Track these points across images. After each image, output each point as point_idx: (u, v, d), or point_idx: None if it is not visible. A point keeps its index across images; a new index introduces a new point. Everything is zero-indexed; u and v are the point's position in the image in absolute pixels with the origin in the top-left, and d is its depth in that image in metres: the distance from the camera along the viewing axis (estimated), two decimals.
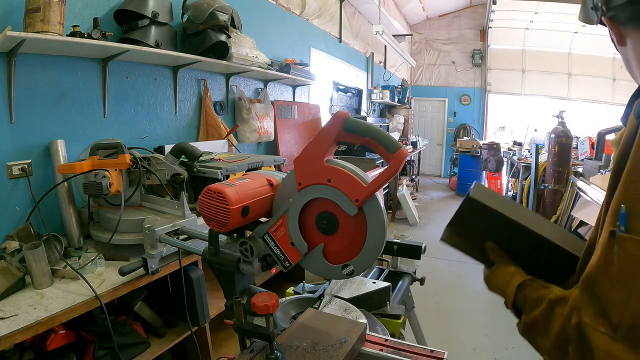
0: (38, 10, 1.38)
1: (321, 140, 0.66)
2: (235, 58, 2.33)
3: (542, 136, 5.48)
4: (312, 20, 4.18)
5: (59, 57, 1.67)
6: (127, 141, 1.85)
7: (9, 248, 1.37)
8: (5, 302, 1.18)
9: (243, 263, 0.76)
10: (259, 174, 0.80)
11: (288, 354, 0.73)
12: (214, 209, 0.70)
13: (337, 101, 4.99)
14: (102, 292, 1.26)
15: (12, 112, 1.51)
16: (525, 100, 8.61)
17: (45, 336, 1.25)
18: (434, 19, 9.21)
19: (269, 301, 0.67)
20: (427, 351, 0.78)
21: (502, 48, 8.43)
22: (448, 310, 3.06)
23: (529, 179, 3.78)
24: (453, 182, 8.00)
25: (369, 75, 6.33)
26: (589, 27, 7.34)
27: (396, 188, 5.38)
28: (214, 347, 1.88)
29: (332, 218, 0.69)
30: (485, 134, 9.07)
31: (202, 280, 1.60)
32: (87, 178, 1.42)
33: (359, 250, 0.68)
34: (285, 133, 3.49)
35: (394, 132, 6.97)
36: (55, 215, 1.63)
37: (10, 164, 1.52)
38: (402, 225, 5.45)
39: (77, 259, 1.42)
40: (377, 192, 0.64)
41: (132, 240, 1.47)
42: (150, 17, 1.86)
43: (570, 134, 3.53)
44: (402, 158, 0.62)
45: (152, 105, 2.18)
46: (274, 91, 3.47)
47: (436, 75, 9.40)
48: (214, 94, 2.65)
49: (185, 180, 1.62)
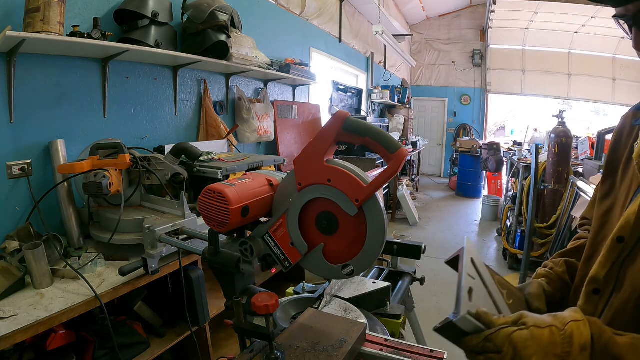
0: (38, 10, 1.38)
1: (321, 140, 0.66)
2: (235, 58, 2.33)
3: (542, 136, 5.48)
4: (312, 20, 4.18)
5: (59, 57, 1.67)
6: (127, 141, 1.85)
7: (9, 248, 1.37)
8: (5, 302, 1.18)
9: (243, 263, 0.76)
10: (259, 174, 0.80)
11: (288, 354, 0.73)
12: (214, 209, 0.70)
13: (337, 101, 4.99)
14: (102, 292, 1.26)
15: (12, 112, 1.51)
16: (525, 100, 8.61)
17: (45, 336, 1.25)
18: (434, 19, 9.21)
19: (269, 301, 0.67)
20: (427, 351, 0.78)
21: (502, 48, 8.43)
22: (448, 310, 3.01)
23: (529, 179, 3.77)
24: (453, 182, 8.00)
25: (369, 75, 6.33)
26: (589, 27, 7.33)
27: (396, 188, 5.38)
28: (214, 347, 1.88)
29: (332, 218, 0.69)
30: (485, 134, 9.08)
31: (202, 280, 1.60)
32: (87, 178, 1.42)
33: (359, 250, 0.68)
34: (285, 133, 3.49)
35: (394, 132, 6.97)
36: (55, 215, 1.63)
37: (10, 164, 1.52)
38: (402, 225, 5.45)
39: (77, 259, 1.42)
40: (377, 192, 0.64)
41: (132, 240, 1.47)
42: (150, 17, 1.86)
43: (570, 134, 3.52)
44: (402, 158, 0.62)
45: (152, 105, 2.18)
46: (274, 91, 3.47)
47: (436, 75, 9.40)
48: (214, 94, 2.65)
49: (185, 180, 1.62)
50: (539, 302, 0.75)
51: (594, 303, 0.64)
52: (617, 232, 0.61)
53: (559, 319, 0.53)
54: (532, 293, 0.77)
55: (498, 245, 4.73)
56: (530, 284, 0.80)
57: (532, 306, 0.74)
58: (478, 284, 0.57)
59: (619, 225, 0.61)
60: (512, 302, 0.69)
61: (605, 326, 0.53)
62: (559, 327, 0.52)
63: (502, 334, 0.51)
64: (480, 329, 0.52)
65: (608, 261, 0.62)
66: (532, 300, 0.75)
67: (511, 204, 4.36)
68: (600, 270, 0.63)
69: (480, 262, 0.62)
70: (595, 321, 0.53)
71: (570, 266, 0.83)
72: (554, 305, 0.78)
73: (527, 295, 0.77)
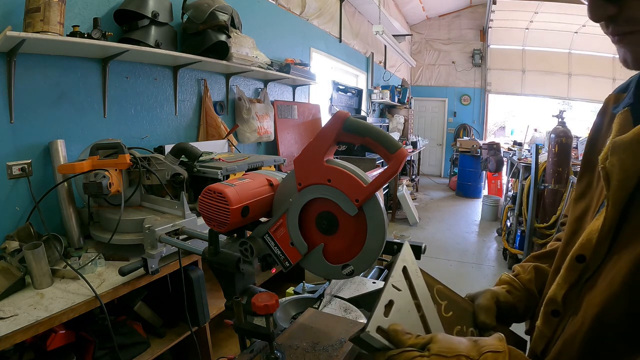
0: (38, 10, 1.38)
1: (321, 140, 0.66)
2: (235, 58, 2.33)
3: (542, 136, 5.48)
4: (312, 20, 4.18)
5: (59, 57, 1.67)
6: (127, 141, 1.85)
7: (9, 248, 1.37)
8: (5, 302, 1.18)
9: (243, 263, 0.76)
10: (259, 174, 0.80)
11: (288, 354, 0.73)
12: (214, 209, 0.70)
13: (337, 101, 4.99)
14: (102, 292, 1.26)
15: (12, 112, 1.51)
16: (525, 100, 8.61)
17: (45, 336, 1.25)
18: (434, 19, 9.21)
19: (269, 301, 0.67)
20: None
21: (502, 48, 8.44)
22: None
23: (529, 179, 3.77)
24: (453, 182, 8.00)
25: (369, 75, 6.33)
26: (589, 27, 7.31)
27: (396, 188, 5.38)
28: (214, 347, 1.88)
29: (332, 218, 0.69)
30: (485, 134, 9.08)
31: (202, 280, 1.60)
32: (87, 178, 1.42)
33: (359, 250, 0.68)
34: (285, 133, 3.49)
35: (394, 132, 6.97)
36: (55, 215, 1.63)
37: (10, 164, 1.52)
38: (402, 225, 5.45)
39: (77, 259, 1.42)
40: (377, 192, 0.64)
41: (132, 240, 1.47)
42: (150, 17, 1.86)
43: (570, 134, 3.52)
44: (402, 158, 0.62)
45: (152, 105, 2.18)
46: (274, 91, 3.47)
47: (436, 75, 9.40)
48: (214, 94, 2.65)
49: (185, 180, 1.62)
50: (486, 315, 0.66)
51: (553, 326, 0.55)
52: (577, 250, 0.52)
53: (477, 347, 0.47)
54: (480, 305, 0.68)
55: (498, 245, 4.73)
56: (482, 294, 0.70)
57: (477, 319, 0.67)
58: (403, 296, 0.53)
59: (580, 242, 0.52)
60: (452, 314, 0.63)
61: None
62: (472, 356, 0.46)
63: (403, 358, 0.47)
64: (387, 348, 0.48)
65: (566, 282, 0.53)
66: (478, 313, 0.67)
67: (511, 204, 4.36)
68: (558, 290, 0.54)
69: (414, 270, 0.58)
70: (518, 355, 0.47)
71: (540, 273, 0.73)
72: (517, 316, 0.71)
73: (475, 307, 0.68)
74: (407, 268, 0.57)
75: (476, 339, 0.49)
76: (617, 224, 0.47)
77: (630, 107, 0.51)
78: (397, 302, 0.52)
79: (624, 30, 0.42)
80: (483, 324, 0.65)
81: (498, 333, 0.50)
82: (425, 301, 0.57)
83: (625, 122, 0.50)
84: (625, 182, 0.45)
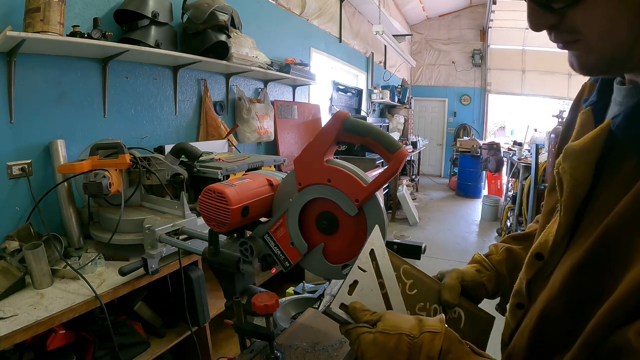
0: (38, 10, 1.38)
1: (321, 140, 0.66)
2: (235, 58, 2.33)
3: (542, 136, 5.48)
4: (312, 20, 4.18)
5: (59, 57, 1.67)
6: (127, 141, 1.85)
7: (9, 248, 1.37)
8: (5, 302, 1.18)
9: (243, 263, 0.76)
10: (259, 174, 0.80)
11: (288, 354, 0.73)
12: (214, 209, 0.70)
13: (337, 101, 4.99)
14: (102, 292, 1.26)
15: (12, 112, 1.51)
16: (525, 100, 8.61)
17: (45, 336, 1.25)
18: (434, 19, 9.21)
19: (269, 301, 0.67)
20: None
21: (502, 48, 8.43)
22: None
23: (529, 179, 3.78)
24: (453, 182, 8.00)
25: (369, 75, 6.33)
26: None
27: (396, 188, 5.38)
28: (214, 347, 1.88)
29: (332, 218, 0.69)
30: (485, 134, 9.08)
31: (202, 280, 1.60)
32: (87, 178, 1.42)
33: (359, 250, 0.68)
34: (285, 133, 3.49)
35: (394, 132, 6.97)
36: (55, 215, 1.63)
37: (10, 164, 1.52)
38: (402, 225, 5.45)
39: (77, 259, 1.42)
40: (377, 192, 0.64)
41: (132, 240, 1.47)
42: (150, 17, 1.86)
43: None
44: (402, 158, 0.62)
45: (152, 105, 2.18)
46: (274, 91, 3.47)
47: (436, 75, 9.40)
48: (214, 94, 2.65)
49: (185, 180, 1.62)
50: (449, 294, 0.68)
51: (517, 318, 0.56)
52: (536, 248, 0.53)
53: (420, 326, 0.51)
54: (445, 284, 0.69)
55: None
56: (449, 273, 0.72)
57: (442, 297, 0.68)
58: (368, 276, 0.58)
59: (539, 241, 0.53)
60: (416, 292, 0.66)
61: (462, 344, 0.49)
62: (412, 334, 0.49)
63: (354, 333, 0.53)
64: (347, 322, 0.54)
65: (525, 276, 0.54)
66: (442, 292, 0.69)
67: (511, 204, 4.36)
68: (520, 284, 0.55)
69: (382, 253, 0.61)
70: (453, 337, 0.49)
71: (512, 255, 0.74)
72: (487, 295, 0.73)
73: (441, 285, 0.70)
74: (374, 251, 0.60)
75: (422, 318, 0.53)
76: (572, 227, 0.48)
77: (592, 106, 0.50)
78: (362, 281, 0.57)
79: (566, 39, 0.41)
80: (446, 302, 0.68)
81: (441, 315, 0.55)
82: (389, 281, 0.61)
83: (587, 122, 0.49)
84: (575, 190, 0.46)
